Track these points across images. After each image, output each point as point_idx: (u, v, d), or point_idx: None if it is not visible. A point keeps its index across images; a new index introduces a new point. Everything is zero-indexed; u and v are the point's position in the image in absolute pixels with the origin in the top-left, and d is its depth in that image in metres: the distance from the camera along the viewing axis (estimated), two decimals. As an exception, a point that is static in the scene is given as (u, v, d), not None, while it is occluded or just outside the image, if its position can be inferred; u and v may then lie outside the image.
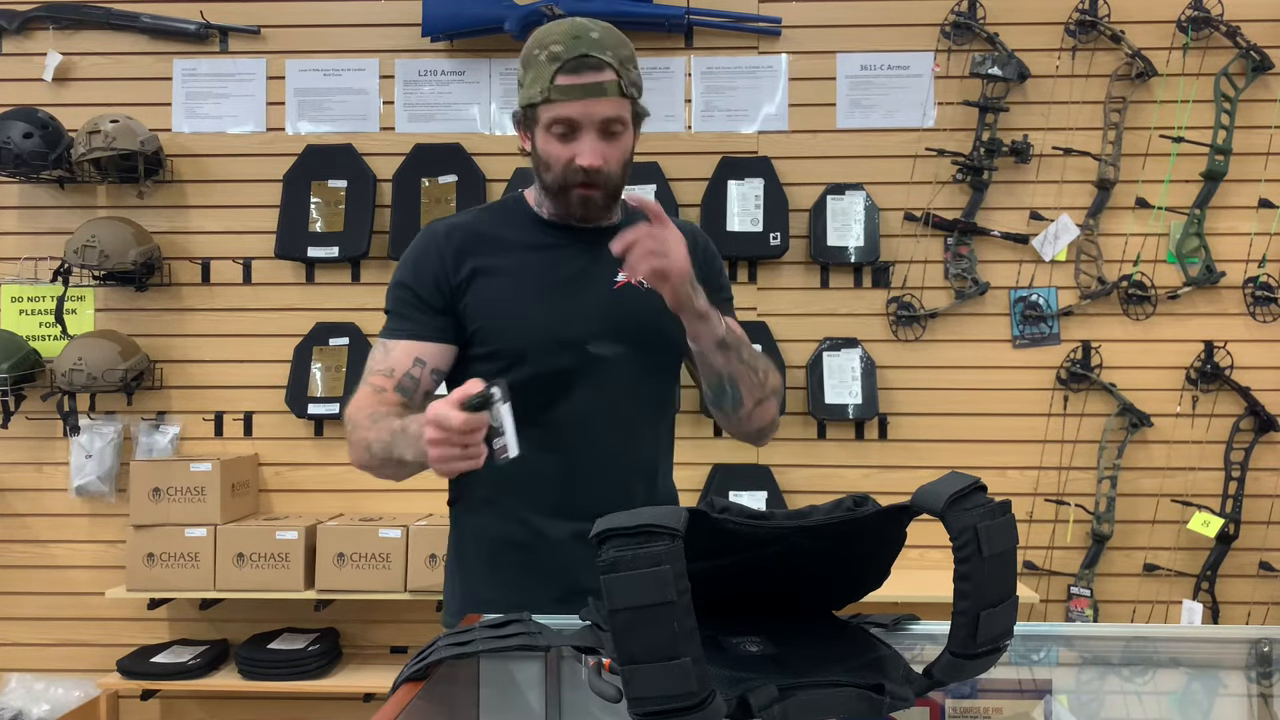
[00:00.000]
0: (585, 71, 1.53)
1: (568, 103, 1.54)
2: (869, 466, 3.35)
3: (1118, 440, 3.30)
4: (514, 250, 1.66)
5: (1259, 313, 3.33)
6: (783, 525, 1.11)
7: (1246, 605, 3.32)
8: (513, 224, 1.69)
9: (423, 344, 1.63)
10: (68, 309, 3.36)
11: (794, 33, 3.39)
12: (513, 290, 1.63)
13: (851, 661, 1.11)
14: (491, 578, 1.67)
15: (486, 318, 1.63)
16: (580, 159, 1.56)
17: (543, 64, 1.55)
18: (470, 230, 1.68)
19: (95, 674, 3.28)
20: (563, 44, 1.54)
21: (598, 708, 1.23)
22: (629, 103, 1.58)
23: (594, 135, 1.56)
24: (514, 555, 1.65)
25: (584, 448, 1.63)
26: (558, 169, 1.59)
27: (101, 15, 3.42)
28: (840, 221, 3.33)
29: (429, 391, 1.64)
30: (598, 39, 1.55)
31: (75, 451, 3.38)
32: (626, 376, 1.64)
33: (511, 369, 1.60)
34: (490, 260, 1.65)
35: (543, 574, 1.62)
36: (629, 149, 1.62)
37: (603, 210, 1.64)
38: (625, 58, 1.57)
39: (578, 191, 1.60)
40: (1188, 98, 3.32)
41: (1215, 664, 1.41)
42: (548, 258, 1.66)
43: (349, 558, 3.11)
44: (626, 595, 0.94)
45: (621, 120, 1.57)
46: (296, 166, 3.40)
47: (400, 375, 1.61)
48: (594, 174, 1.57)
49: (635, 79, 1.59)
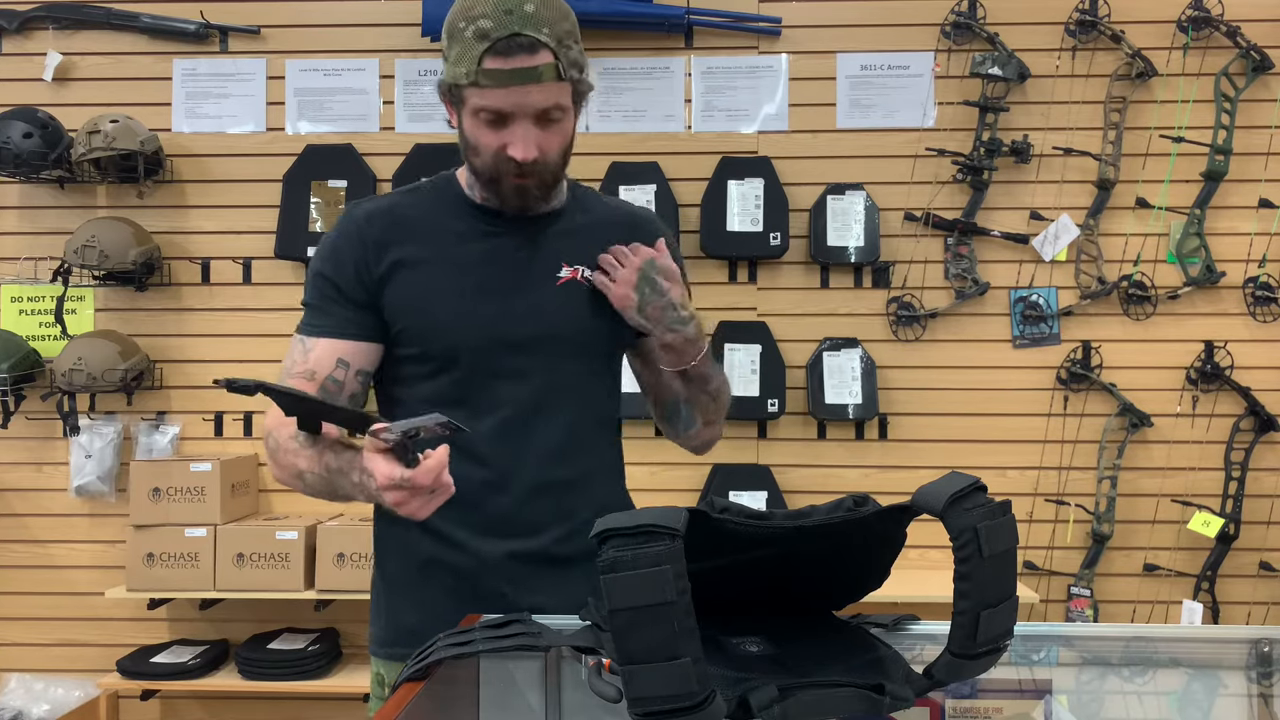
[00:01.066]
0: (517, 54, 1.34)
1: (496, 90, 1.36)
2: (869, 466, 3.35)
3: (1118, 440, 3.29)
4: (441, 239, 1.49)
5: (1259, 313, 3.33)
6: (783, 525, 1.11)
7: (1246, 605, 3.32)
8: (441, 208, 1.52)
9: (345, 342, 1.47)
10: (68, 309, 3.36)
11: (794, 33, 3.39)
12: (440, 284, 1.47)
13: (851, 661, 1.11)
14: (419, 602, 1.51)
15: (411, 317, 1.47)
16: (512, 150, 1.39)
17: (469, 41, 1.35)
18: (393, 215, 1.50)
19: (95, 674, 3.28)
20: (491, 19, 1.34)
21: (598, 708, 1.22)
22: (568, 86, 1.39)
23: (528, 124, 1.39)
24: (442, 577, 1.50)
25: (519, 458, 1.47)
26: (487, 157, 1.42)
27: (101, 15, 3.42)
28: (840, 221, 3.32)
29: (354, 394, 1.48)
30: (531, 13, 1.34)
31: (75, 451, 3.38)
32: (567, 381, 1.51)
33: (442, 372, 1.48)
34: (414, 251, 1.47)
35: (475, 598, 1.45)
36: (569, 133, 1.44)
37: (539, 200, 1.49)
38: (565, 33, 1.38)
39: (511, 181, 1.43)
40: (1188, 98, 3.32)
41: (1215, 664, 1.41)
42: (480, 249, 1.49)
43: (349, 558, 3.11)
44: (626, 595, 0.94)
45: (560, 106, 1.39)
46: (296, 166, 3.40)
47: (322, 378, 1.45)
48: (529, 167, 1.41)
49: (576, 57, 1.40)
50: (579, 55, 1.41)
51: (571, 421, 1.52)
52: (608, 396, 1.60)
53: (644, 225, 1.62)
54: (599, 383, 1.58)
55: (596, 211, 1.60)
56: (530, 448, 1.48)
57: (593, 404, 1.56)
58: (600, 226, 1.57)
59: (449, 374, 1.48)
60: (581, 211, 1.58)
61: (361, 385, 1.49)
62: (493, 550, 1.48)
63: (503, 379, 1.48)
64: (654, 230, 1.62)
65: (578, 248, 1.54)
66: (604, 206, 1.64)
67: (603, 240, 1.54)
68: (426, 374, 1.49)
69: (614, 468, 1.63)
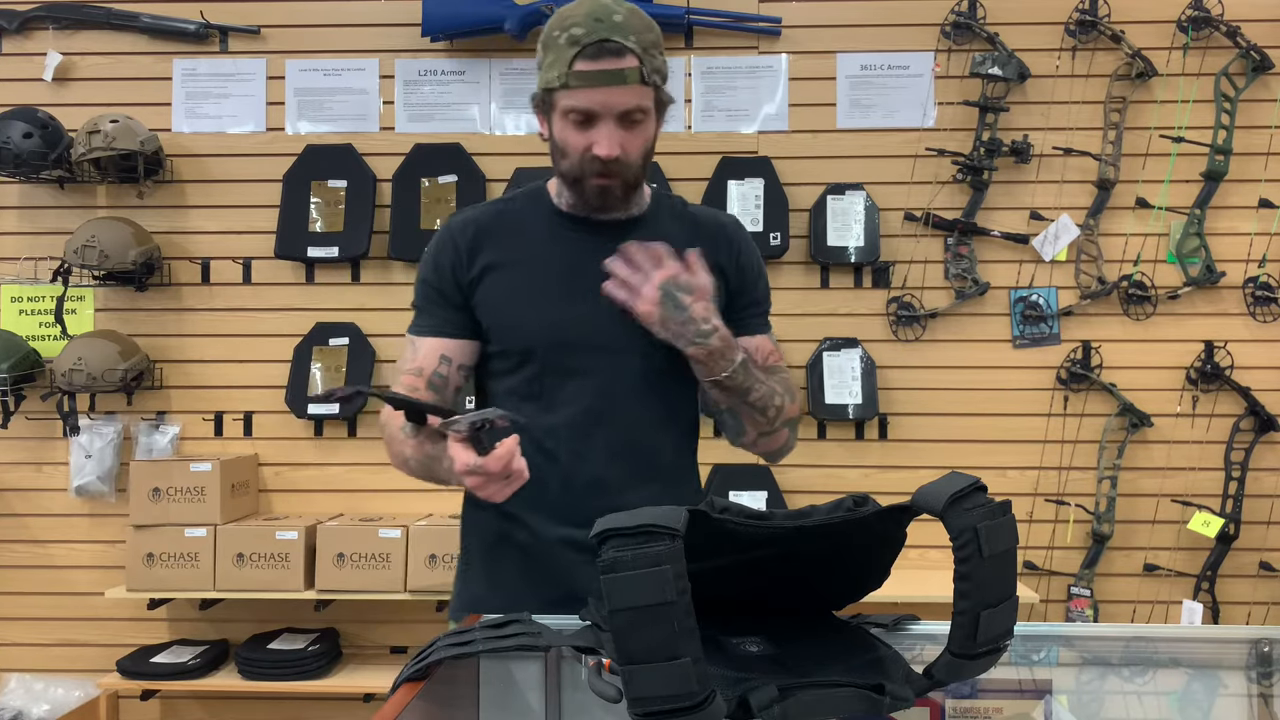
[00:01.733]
0: (605, 57, 1.46)
1: (585, 90, 1.48)
2: (869, 466, 3.35)
3: (1118, 440, 3.29)
4: (527, 244, 1.61)
5: (1259, 313, 3.33)
6: (783, 525, 1.11)
7: (1246, 605, 3.32)
8: (531, 216, 1.64)
9: (447, 341, 1.62)
10: (68, 309, 3.36)
11: (794, 33, 3.39)
12: (522, 286, 1.59)
13: (851, 661, 1.11)
14: (489, 576, 1.66)
15: (495, 316, 1.60)
16: (597, 149, 1.50)
17: (561, 47, 1.48)
18: (486, 224, 1.64)
19: (95, 674, 3.27)
20: (583, 26, 1.47)
21: (598, 708, 1.22)
22: (651, 90, 1.51)
23: (612, 124, 1.49)
24: (511, 555, 1.63)
25: (586, 452, 1.58)
26: (574, 158, 1.53)
27: (101, 15, 3.42)
28: (840, 221, 3.32)
29: (459, 387, 1.64)
30: (620, 22, 1.47)
31: (75, 451, 3.38)
32: (635, 380, 1.59)
33: (521, 367, 1.59)
34: (502, 254, 1.61)
35: (537, 577, 1.59)
36: (650, 138, 1.55)
37: (620, 202, 1.59)
38: (650, 43, 1.50)
39: (594, 182, 1.54)
40: (1188, 98, 3.32)
41: (1215, 664, 1.41)
42: (560, 252, 1.61)
43: (349, 558, 3.11)
44: (626, 595, 0.94)
45: (642, 109, 1.51)
46: (296, 166, 3.39)
47: (429, 374, 1.60)
48: (611, 164, 1.51)
49: (659, 65, 1.52)
50: (662, 64, 1.53)
51: (635, 421, 1.60)
52: (676, 398, 1.66)
53: (724, 231, 1.69)
54: (666, 384, 1.63)
55: (678, 218, 1.68)
56: (594, 443, 1.58)
57: (658, 404, 1.63)
58: (680, 233, 1.63)
59: (525, 369, 1.60)
60: (662, 218, 1.66)
61: (464, 378, 1.64)
62: (552, 535, 1.59)
63: (573, 376, 1.58)
64: (733, 236, 1.69)
65: None
66: (686, 213, 1.70)
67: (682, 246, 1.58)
68: (508, 369, 1.61)
69: (678, 466, 1.70)
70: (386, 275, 3.42)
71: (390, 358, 3.37)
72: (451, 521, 3.11)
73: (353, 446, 3.41)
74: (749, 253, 1.70)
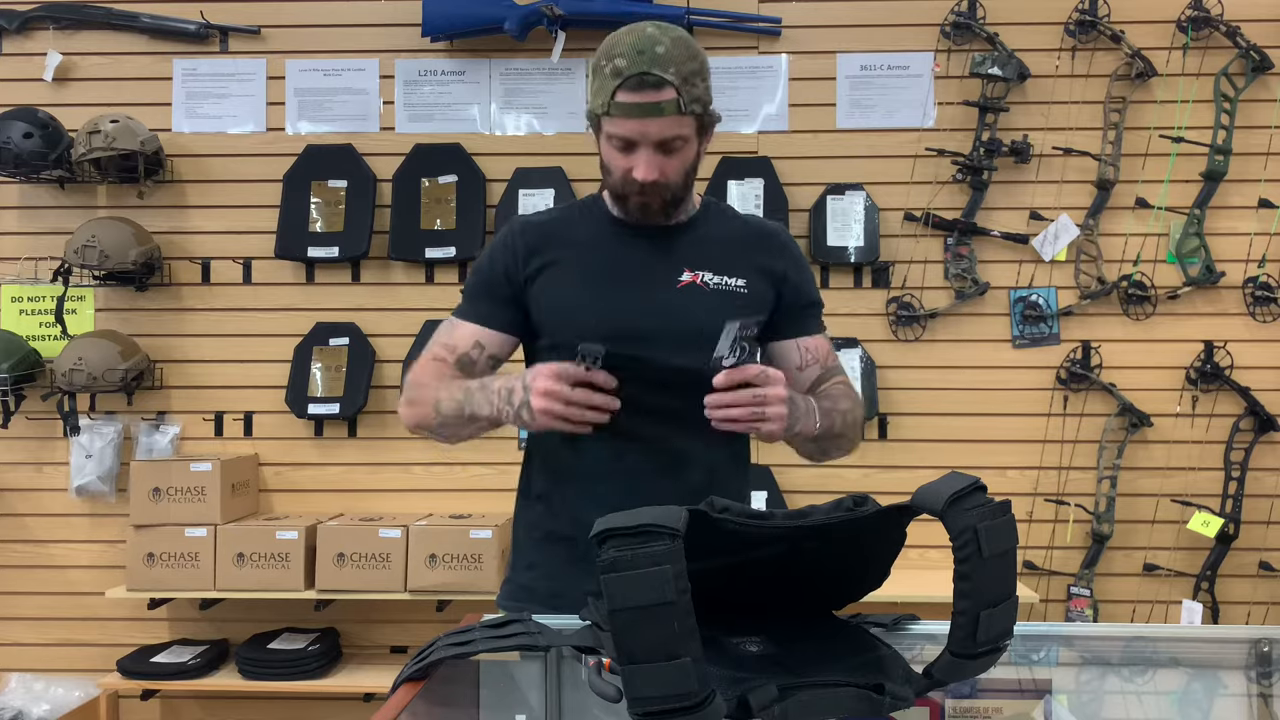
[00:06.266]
0: (644, 90, 1.54)
1: (624, 120, 1.56)
2: (869, 466, 3.35)
3: (1118, 440, 3.30)
4: (582, 246, 1.71)
5: (1259, 313, 3.33)
6: (783, 525, 1.11)
7: (1246, 605, 3.32)
8: (587, 221, 1.74)
9: (485, 330, 1.70)
10: (68, 309, 3.36)
11: (794, 33, 3.39)
12: (575, 284, 1.68)
13: (851, 661, 1.12)
14: (534, 564, 1.73)
15: (546, 311, 1.69)
16: (636, 173, 1.59)
17: (606, 77, 1.57)
18: (545, 228, 1.73)
19: (95, 674, 3.28)
20: (626, 58, 1.55)
21: (598, 708, 1.23)
22: (691, 119, 1.58)
23: (650, 151, 1.58)
24: (559, 547, 1.68)
25: (634, 448, 1.64)
26: (617, 177, 1.63)
27: (101, 15, 3.42)
28: (840, 221, 3.33)
29: (482, 374, 1.70)
30: (662, 54, 1.54)
31: (75, 451, 3.38)
32: (677, 378, 1.61)
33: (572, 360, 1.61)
34: (558, 255, 1.70)
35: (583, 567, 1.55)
36: (691, 159, 1.64)
37: (660, 215, 1.67)
38: (691, 72, 1.57)
39: (635, 200, 1.64)
40: (1188, 98, 3.32)
41: (1215, 664, 1.41)
42: (612, 254, 1.70)
43: (349, 558, 3.11)
44: (626, 595, 0.94)
45: (680, 137, 1.59)
46: (296, 166, 3.40)
47: (460, 354, 1.69)
48: (649, 187, 1.60)
49: (700, 94, 1.58)
50: (704, 92, 1.60)
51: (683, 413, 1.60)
52: None
53: (777, 236, 1.78)
54: None
55: (725, 224, 1.77)
56: (637, 435, 1.63)
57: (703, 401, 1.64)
58: (726, 237, 1.73)
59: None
60: (710, 223, 1.75)
61: (490, 367, 1.72)
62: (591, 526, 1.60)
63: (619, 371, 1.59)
64: (780, 242, 1.77)
65: (701, 255, 1.70)
66: (733, 220, 1.80)
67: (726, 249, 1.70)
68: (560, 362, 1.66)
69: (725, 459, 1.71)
70: (386, 275, 3.42)
71: (390, 358, 3.37)
72: (452, 521, 3.12)
73: (353, 446, 3.41)
74: (800, 256, 1.79)
